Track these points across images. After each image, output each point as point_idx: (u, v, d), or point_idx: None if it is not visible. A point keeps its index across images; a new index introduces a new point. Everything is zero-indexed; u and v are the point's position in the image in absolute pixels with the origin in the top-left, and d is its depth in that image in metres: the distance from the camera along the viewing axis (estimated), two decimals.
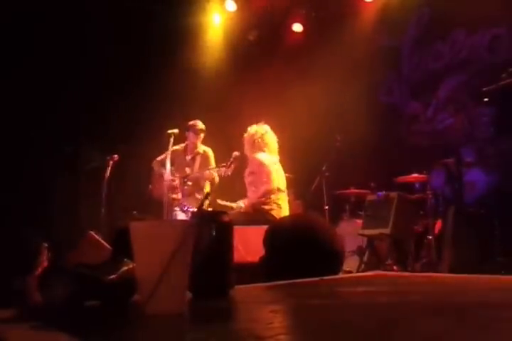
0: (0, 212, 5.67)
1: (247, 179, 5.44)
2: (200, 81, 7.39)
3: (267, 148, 5.43)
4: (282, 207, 5.30)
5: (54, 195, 6.58)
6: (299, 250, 1.89)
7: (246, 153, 5.52)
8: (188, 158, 6.15)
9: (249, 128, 5.55)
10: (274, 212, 5.17)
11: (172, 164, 5.89)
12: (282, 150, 5.65)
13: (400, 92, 7.53)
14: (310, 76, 7.28)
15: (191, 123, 6.08)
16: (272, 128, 5.65)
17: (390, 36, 7.54)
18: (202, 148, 6.16)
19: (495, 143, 5.45)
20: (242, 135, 5.63)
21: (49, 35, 6.27)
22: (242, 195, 5.61)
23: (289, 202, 5.55)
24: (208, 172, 5.81)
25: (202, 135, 6.09)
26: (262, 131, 5.48)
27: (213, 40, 7.99)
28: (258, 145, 5.41)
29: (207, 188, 5.96)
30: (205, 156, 6.12)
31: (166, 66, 6.84)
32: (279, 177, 5.36)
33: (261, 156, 5.34)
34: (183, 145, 6.18)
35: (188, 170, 6.03)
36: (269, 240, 2.00)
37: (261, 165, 5.28)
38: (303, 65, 7.69)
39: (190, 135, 6.09)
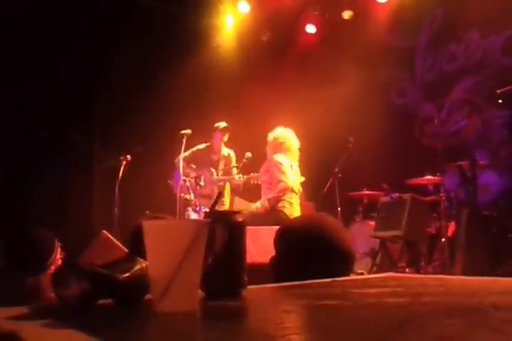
0: (14, 210, 5.72)
1: (262, 177, 5.51)
2: (214, 82, 7.41)
3: (287, 152, 5.51)
4: (294, 206, 5.35)
5: (68, 194, 6.63)
6: (309, 251, 1.88)
7: (266, 153, 5.61)
8: (214, 158, 6.19)
9: (275, 130, 5.62)
10: (285, 210, 5.23)
11: (196, 163, 5.95)
12: None
13: (413, 94, 7.50)
14: (322, 77, 7.27)
15: (217, 124, 6.14)
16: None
17: (404, 37, 7.51)
18: (226, 150, 6.22)
19: (509, 146, 5.41)
20: (255, 135, 5.68)
21: (63, 35, 6.31)
22: (257, 195, 5.64)
23: (301, 203, 5.57)
24: (228, 178, 5.88)
25: (227, 134, 6.13)
26: (287, 136, 5.56)
27: (226, 41, 8.01)
28: (279, 147, 5.52)
29: (226, 190, 6.01)
30: (228, 159, 6.17)
31: (180, 67, 6.87)
32: (294, 179, 5.41)
33: (279, 157, 5.43)
34: (207, 144, 6.24)
35: (212, 169, 6.09)
36: (280, 241, 1.99)
37: (277, 164, 5.35)
38: (316, 66, 7.69)
39: (216, 135, 6.13)
